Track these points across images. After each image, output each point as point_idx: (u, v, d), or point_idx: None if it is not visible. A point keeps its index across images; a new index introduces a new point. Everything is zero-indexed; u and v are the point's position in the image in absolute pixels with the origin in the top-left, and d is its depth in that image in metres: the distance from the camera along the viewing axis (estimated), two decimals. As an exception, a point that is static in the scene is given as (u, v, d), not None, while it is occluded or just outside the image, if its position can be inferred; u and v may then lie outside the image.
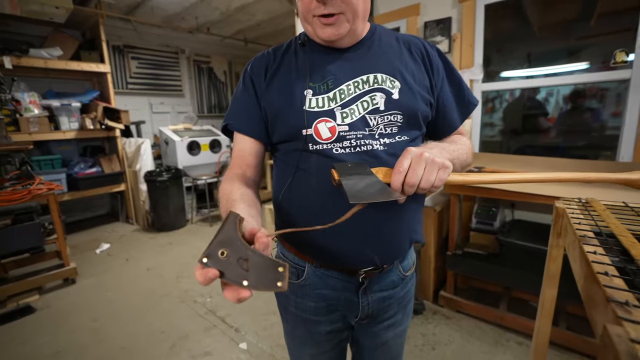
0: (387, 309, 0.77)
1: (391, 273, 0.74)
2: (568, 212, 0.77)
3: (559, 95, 2.87)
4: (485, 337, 1.73)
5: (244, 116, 0.71)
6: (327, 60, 0.67)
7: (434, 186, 0.54)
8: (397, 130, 0.66)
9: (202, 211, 4.16)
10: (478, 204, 1.96)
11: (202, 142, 4.03)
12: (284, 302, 0.80)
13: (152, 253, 3.00)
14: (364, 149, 0.63)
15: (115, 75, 4.51)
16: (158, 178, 3.41)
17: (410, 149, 0.55)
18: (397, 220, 0.68)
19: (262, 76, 0.69)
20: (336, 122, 0.64)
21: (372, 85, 0.65)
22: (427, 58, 0.71)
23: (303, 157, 0.66)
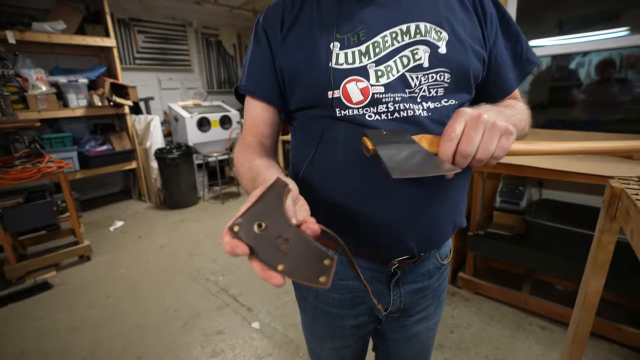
0: (421, 302, 0.68)
1: (427, 262, 0.64)
2: (630, 192, 0.65)
3: (590, 66, 2.61)
4: (506, 321, 1.65)
5: (257, 76, 0.59)
6: (358, 6, 0.54)
7: (493, 157, 0.42)
8: (443, 92, 0.54)
9: (213, 189, 4.14)
10: (503, 182, 1.82)
11: (212, 118, 3.94)
12: (303, 291, 0.71)
13: (165, 230, 3.00)
14: (403, 114, 0.52)
15: (122, 50, 4.39)
16: (168, 155, 3.36)
17: (463, 109, 0.43)
18: (441, 200, 0.57)
19: (277, 27, 0.57)
20: (369, 82, 0.52)
21: (413, 37, 0.52)
22: (479, 4, 0.57)
23: (328, 125, 0.55)
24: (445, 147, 0.42)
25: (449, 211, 0.59)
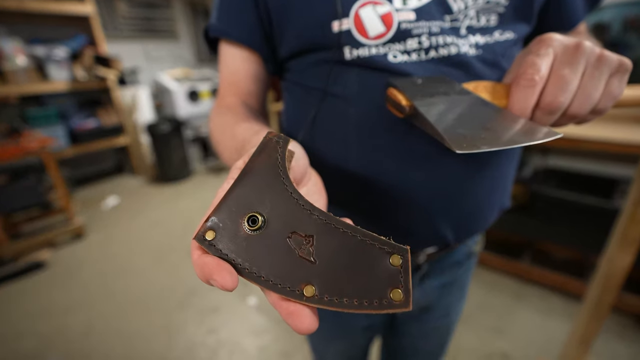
0: (447, 295, 0.58)
1: (458, 251, 0.54)
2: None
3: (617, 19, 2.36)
4: (506, 290, 1.63)
5: (232, 13, 0.42)
6: None
7: (596, 110, 0.29)
8: (497, 21, 0.39)
9: (207, 161, 4.04)
10: (508, 149, 1.72)
11: (202, 88, 3.76)
12: None
13: (159, 206, 2.95)
14: (442, 53, 0.36)
15: (104, 19, 4.11)
16: (159, 130, 3.24)
17: (549, 35, 0.30)
18: (490, 176, 0.42)
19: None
20: (393, 4, 0.36)
21: None
22: None
23: (334, 73, 0.39)
24: (521, 97, 0.29)
25: (497, 190, 0.45)
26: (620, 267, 0.70)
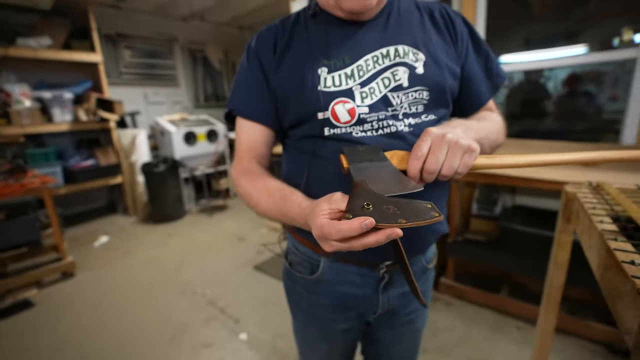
0: (408, 304, 0.72)
1: (414, 266, 0.69)
2: (580, 196, 0.73)
3: (557, 80, 2.81)
4: (485, 323, 1.72)
5: (252, 100, 0.63)
6: (343, 32, 0.59)
7: (457, 173, 0.47)
8: (423, 108, 0.59)
9: (200, 202, 4.13)
10: (479, 189, 1.92)
11: (198, 132, 3.96)
12: (295, 298, 0.75)
13: (151, 245, 2.98)
14: (387, 131, 0.57)
15: (109, 66, 4.40)
16: (155, 169, 3.36)
17: (430, 129, 0.48)
18: None
19: (270, 52, 0.61)
20: (355, 102, 0.56)
21: (393, 60, 0.58)
22: (452, 25, 0.63)
23: (319, 143, 0.59)
24: (412, 165, 0.47)
25: None
26: (556, 287, 0.85)
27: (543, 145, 1.84)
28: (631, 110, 1.59)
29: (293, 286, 0.74)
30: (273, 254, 2.65)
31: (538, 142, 1.87)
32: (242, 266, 2.49)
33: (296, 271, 0.71)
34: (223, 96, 6.05)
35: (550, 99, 2.63)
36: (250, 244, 2.89)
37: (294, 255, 0.72)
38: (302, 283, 0.71)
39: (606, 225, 0.54)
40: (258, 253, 2.70)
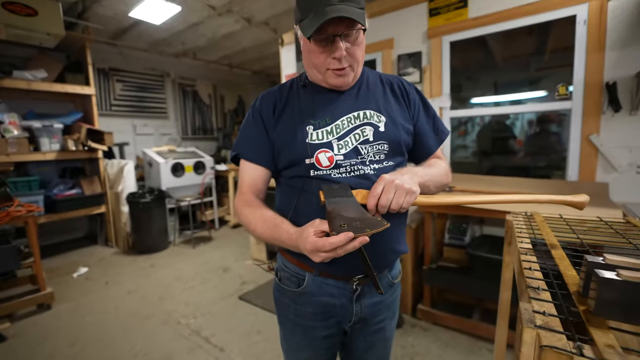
0: (378, 314, 0.85)
1: (381, 281, 0.83)
2: (514, 223, 0.91)
3: (523, 120, 3.17)
4: (460, 347, 1.83)
5: (257, 148, 0.80)
6: (326, 99, 0.79)
7: (402, 208, 0.65)
8: (384, 157, 0.78)
9: (185, 233, 4.13)
10: (450, 220, 2.11)
11: (186, 163, 4.07)
12: (284, 310, 0.87)
13: (133, 276, 2.96)
14: (357, 173, 0.75)
15: (100, 97, 4.54)
16: (141, 200, 3.41)
17: (384, 176, 0.66)
18: (386, 234, 0.75)
19: (271, 112, 0.80)
20: (334, 152, 0.75)
21: (362, 121, 0.78)
22: (406, 94, 0.85)
23: (306, 182, 0.76)
24: (370, 202, 0.65)
25: (393, 241, 0.81)
26: (504, 302, 1.00)
27: (504, 181, 2.07)
28: (571, 151, 1.86)
29: (282, 299, 0.87)
30: (257, 285, 2.69)
31: (500, 178, 2.11)
32: (227, 296, 2.52)
33: (285, 285, 0.85)
34: (211, 129, 6.24)
35: (515, 138, 2.95)
36: (235, 275, 2.93)
37: (283, 271, 0.86)
38: (290, 295, 0.84)
39: (524, 245, 0.71)
40: (243, 284, 2.74)
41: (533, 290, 0.51)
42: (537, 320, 0.43)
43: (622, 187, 1.73)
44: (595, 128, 1.78)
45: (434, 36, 2.27)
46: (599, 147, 1.77)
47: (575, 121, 1.84)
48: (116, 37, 4.30)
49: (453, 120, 2.45)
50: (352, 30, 0.69)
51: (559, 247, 0.69)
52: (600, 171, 1.80)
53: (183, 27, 4.08)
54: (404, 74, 2.42)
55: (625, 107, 1.69)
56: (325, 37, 0.69)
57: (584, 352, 0.37)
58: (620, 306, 0.41)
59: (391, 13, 2.46)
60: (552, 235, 0.78)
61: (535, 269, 0.59)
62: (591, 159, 1.81)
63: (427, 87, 2.33)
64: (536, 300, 0.48)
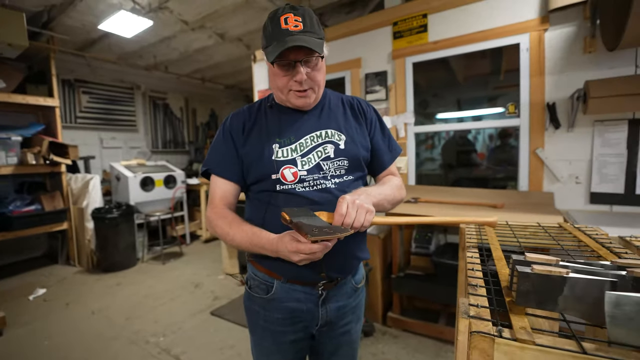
0: (343, 317, 0.91)
1: (345, 285, 0.90)
2: (466, 231, 1.01)
3: (485, 134, 3.42)
4: (427, 351, 1.91)
5: (227, 164, 0.86)
6: (291, 119, 0.87)
7: (363, 225, 0.71)
8: (344, 172, 0.86)
9: (154, 249, 4.00)
10: (416, 230, 2.23)
11: (156, 177, 3.97)
12: (254, 317, 0.90)
13: (98, 295, 2.82)
14: (319, 187, 0.82)
15: (64, 109, 4.37)
16: (107, 215, 3.28)
17: (344, 197, 0.72)
18: (349, 242, 0.83)
19: (240, 131, 0.87)
20: (298, 168, 0.82)
21: (324, 139, 0.86)
22: (364, 113, 0.94)
23: (273, 195, 0.83)
24: (337, 220, 0.69)
25: (355, 249, 0.88)
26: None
27: (466, 192, 2.23)
28: (521, 164, 2.04)
29: (252, 306, 0.90)
30: (229, 299, 2.66)
31: (461, 189, 2.26)
32: (198, 312, 2.47)
33: (255, 293, 0.89)
34: (182, 142, 6.13)
35: (476, 151, 3.17)
36: (207, 290, 2.87)
37: (252, 280, 0.90)
38: (259, 302, 0.88)
39: (471, 249, 0.80)
40: (215, 299, 2.70)
41: (472, 287, 0.59)
42: (470, 312, 0.51)
43: (564, 196, 1.93)
44: (541, 143, 1.98)
45: (398, 57, 2.44)
46: (544, 160, 1.96)
47: (523, 137, 2.03)
48: (84, 48, 4.19)
49: (420, 135, 2.60)
50: (311, 57, 0.77)
51: (499, 250, 0.79)
52: (547, 181, 1.99)
53: (155, 41, 4.06)
54: (371, 91, 2.56)
55: (564, 125, 1.90)
56: (287, 62, 0.77)
57: (502, 334, 0.44)
58: (534, 295, 0.49)
59: (359, 35, 2.61)
60: (497, 240, 0.88)
61: (477, 270, 0.67)
62: (538, 171, 2.00)
63: (393, 104, 2.48)
64: (473, 295, 0.56)
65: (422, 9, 2.32)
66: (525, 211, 1.78)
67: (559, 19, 1.87)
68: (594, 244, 0.82)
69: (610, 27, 1.50)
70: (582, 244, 0.85)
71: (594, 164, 1.84)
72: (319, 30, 0.79)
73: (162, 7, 3.22)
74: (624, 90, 1.57)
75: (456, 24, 2.22)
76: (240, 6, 3.30)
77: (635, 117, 1.73)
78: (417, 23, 2.35)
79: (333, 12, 3.50)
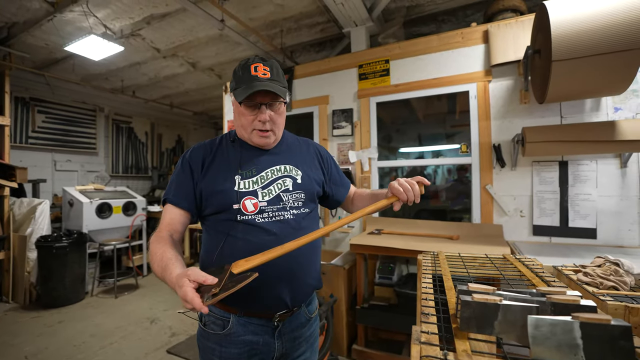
0: (298, 347, 0.93)
1: (299, 315, 0.93)
2: (422, 261, 1.09)
3: (444, 169, 3.67)
4: (392, 384, 1.92)
5: (180, 193, 0.90)
6: (252, 154, 0.93)
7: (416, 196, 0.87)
8: (301, 204, 0.92)
9: (106, 281, 3.70)
10: (380, 261, 2.30)
11: (114, 204, 3.77)
12: (208, 355, 0.89)
13: (34, 336, 2.52)
14: (278, 218, 0.87)
15: (15, 128, 4.09)
16: (55, 244, 3.02)
17: (392, 183, 0.87)
18: (304, 271, 0.90)
19: (199, 165, 0.91)
20: (258, 199, 0.87)
21: (283, 173, 0.93)
22: (320, 155, 1.06)
23: (233, 225, 0.85)
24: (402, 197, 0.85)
25: (309, 277, 0.92)
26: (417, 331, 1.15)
27: (425, 224, 2.36)
28: (474, 198, 2.23)
29: (207, 344, 0.89)
30: (188, 335, 2.51)
31: (420, 221, 2.40)
32: (153, 351, 2.29)
33: (210, 330, 0.88)
34: (145, 167, 5.91)
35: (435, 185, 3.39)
36: (164, 326, 2.69)
37: (207, 316, 0.90)
38: (215, 339, 0.87)
39: (426, 279, 0.87)
40: (172, 335, 2.53)
41: (424, 316, 0.65)
42: (422, 338, 0.56)
43: (511, 228, 2.11)
44: (490, 179, 2.18)
45: (363, 97, 2.63)
46: (493, 195, 2.16)
47: (475, 173, 2.23)
48: (45, 67, 4.04)
49: (385, 168, 2.75)
50: (276, 102, 0.87)
51: (450, 280, 0.87)
52: (496, 215, 2.17)
53: (124, 65, 4.03)
54: (338, 126, 2.71)
55: (508, 164, 2.13)
56: (254, 104, 0.86)
57: (447, 358, 0.50)
58: (474, 321, 0.56)
59: (328, 74, 2.79)
60: (449, 270, 0.97)
61: (430, 299, 0.74)
62: (489, 205, 2.19)
63: (358, 139, 2.63)
64: (425, 323, 0.62)
65: (384, 55, 2.56)
66: (478, 242, 1.92)
67: (500, 73, 2.16)
68: (529, 273, 0.93)
69: (539, 83, 1.76)
70: (521, 273, 0.95)
71: (534, 199, 2.06)
72: (283, 81, 0.89)
73: (134, 34, 3.25)
74: (552, 137, 1.82)
75: (415, 71, 2.46)
76: (213, 39, 3.41)
77: (563, 159, 1.99)
78: (380, 67, 2.58)
79: (304, 50, 3.72)
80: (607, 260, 1.00)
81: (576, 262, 1.22)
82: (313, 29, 3.28)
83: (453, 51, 2.32)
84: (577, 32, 1.41)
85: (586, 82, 1.55)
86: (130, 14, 2.90)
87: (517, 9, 2.28)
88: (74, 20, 2.93)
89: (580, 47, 1.41)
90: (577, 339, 0.46)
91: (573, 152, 1.86)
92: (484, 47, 2.21)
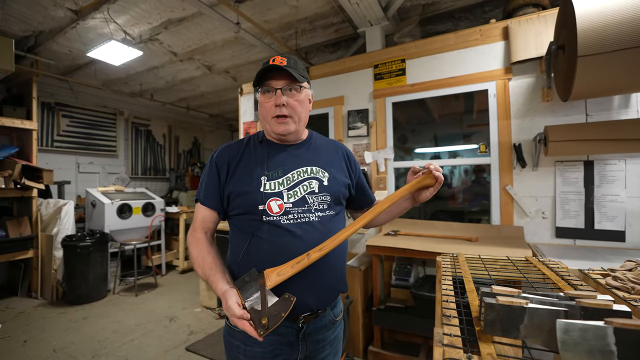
0: (322, 350, 0.93)
1: (324, 318, 0.92)
2: (441, 263, 1.07)
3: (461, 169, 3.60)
4: (409, 388, 1.89)
5: (209, 194, 0.93)
6: (279, 154, 0.93)
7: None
8: (327, 207, 0.92)
9: (127, 280, 3.81)
10: (396, 262, 2.27)
11: (134, 205, 3.88)
12: (234, 352, 0.90)
13: (61, 331, 2.62)
14: (303, 220, 0.87)
15: (41, 132, 4.27)
16: (79, 243, 3.14)
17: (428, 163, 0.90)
18: (328, 274, 0.89)
19: (225, 165, 0.92)
20: (284, 200, 0.87)
21: (309, 175, 0.92)
22: (348, 157, 1.05)
23: (259, 226, 0.86)
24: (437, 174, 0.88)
25: (334, 281, 0.92)
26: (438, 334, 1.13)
27: (441, 225, 2.32)
28: (493, 199, 2.18)
29: (232, 341, 0.90)
30: (206, 334, 2.55)
31: (437, 223, 2.36)
32: (173, 348, 2.34)
33: (235, 327, 0.88)
34: (163, 169, 6.06)
35: (450, 186, 3.32)
36: (182, 324, 2.74)
37: None
38: (240, 337, 0.88)
39: (446, 281, 0.86)
40: (191, 333, 2.58)
41: (446, 318, 0.64)
42: (444, 341, 0.55)
43: (533, 230, 2.05)
44: (510, 180, 2.12)
45: (379, 97, 2.61)
46: (514, 196, 2.10)
47: (494, 174, 2.18)
48: (68, 72, 4.20)
49: (400, 169, 2.72)
50: (291, 86, 0.87)
51: (471, 282, 0.85)
52: (516, 216, 2.11)
53: (143, 69, 4.14)
54: (353, 127, 2.70)
55: (529, 164, 2.06)
56: (269, 88, 0.87)
57: (472, 361, 0.49)
58: (499, 324, 0.54)
59: (343, 74, 2.79)
60: (469, 273, 0.95)
61: (451, 301, 0.73)
62: (509, 206, 2.13)
63: (374, 140, 2.61)
64: (447, 325, 0.61)
65: (400, 54, 2.53)
66: (498, 244, 1.87)
67: (521, 70, 2.10)
68: (554, 276, 0.90)
69: (562, 80, 1.70)
70: (545, 276, 0.92)
71: (557, 200, 1.99)
72: (302, 71, 0.90)
73: (152, 38, 3.33)
74: (577, 136, 1.76)
75: (431, 70, 2.42)
76: (229, 42, 3.46)
77: (589, 159, 1.92)
78: (396, 67, 2.55)
79: (318, 51, 3.73)
80: (638, 265, 0.95)
81: (604, 265, 1.17)
82: (327, 30, 3.28)
83: (471, 49, 2.28)
84: (605, 26, 1.35)
85: (614, 78, 1.48)
86: (148, 19, 2.98)
87: (539, 3, 2.21)
88: (95, 27, 3.04)
89: (608, 41, 1.35)
90: (611, 345, 0.44)
91: (600, 152, 1.79)
92: (504, 44, 2.16)
